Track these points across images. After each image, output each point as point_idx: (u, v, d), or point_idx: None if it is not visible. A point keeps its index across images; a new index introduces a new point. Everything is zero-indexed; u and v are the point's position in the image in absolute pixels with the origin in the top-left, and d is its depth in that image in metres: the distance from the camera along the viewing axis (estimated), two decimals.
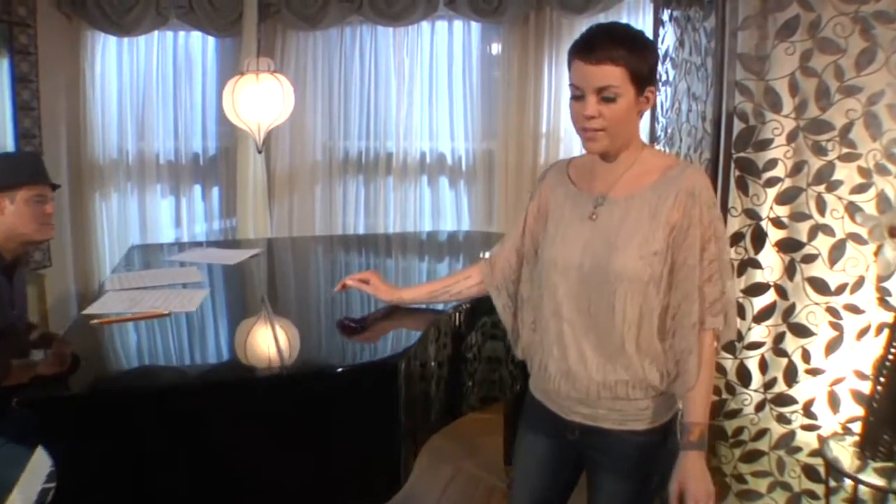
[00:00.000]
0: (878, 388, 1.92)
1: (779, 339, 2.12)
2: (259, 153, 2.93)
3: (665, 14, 2.64)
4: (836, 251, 2.00)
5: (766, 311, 2.10)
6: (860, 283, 2.00)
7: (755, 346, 2.14)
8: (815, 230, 2.03)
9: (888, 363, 1.85)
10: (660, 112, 2.71)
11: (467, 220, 3.54)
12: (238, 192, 3.49)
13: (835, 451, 1.93)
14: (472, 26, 3.46)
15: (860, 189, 1.97)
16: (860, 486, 1.86)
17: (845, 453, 1.93)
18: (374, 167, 3.59)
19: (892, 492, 1.86)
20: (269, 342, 1.69)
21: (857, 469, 1.85)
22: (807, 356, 2.11)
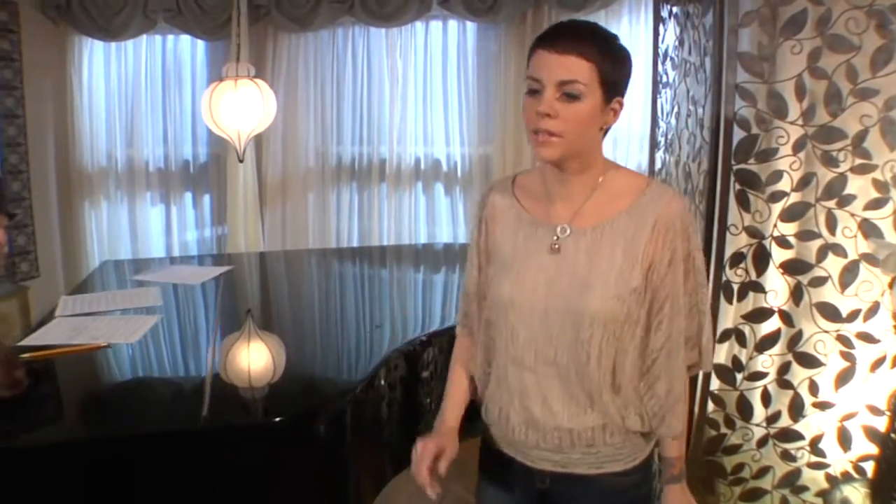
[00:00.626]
0: (894, 426, 1.70)
1: (784, 369, 1.92)
2: (240, 162, 2.79)
3: (665, 10, 2.41)
4: (847, 274, 1.79)
5: (770, 339, 1.90)
6: (874, 309, 1.78)
7: (757, 376, 1.93)
8: (824, 250, 1.81)
9: None
10: (660, 116, 2.49)
11: (463, 229, 3.36)
12: (228, 199, 3.37)
13: (845, 491, 1.72)
14: (468, 26, 3.28)
15: (875, 204, 1.76)
16: None
17: (857, 495, 1.72)
18: (368, 174, 3.43)
19: None
20: (204, 387, 1.50)
21: None
22: (814, 388, 1.91)
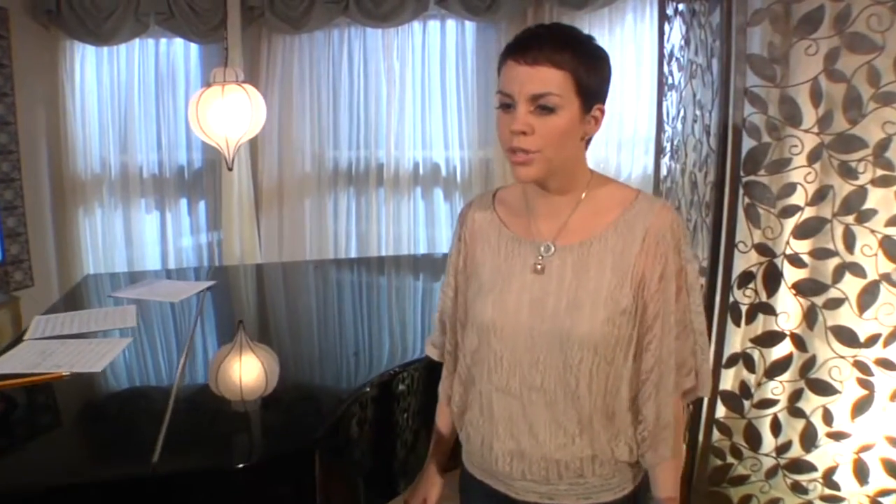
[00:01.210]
0: None
1: (795, 396, 1.76)
2: (229, 170, 2.65)
3: (671, 8, 2.23)
4: (866, 295, 1.62)
5: (781, 365, 1.74)
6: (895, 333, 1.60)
7: (767, 403, 1.78)
8: (841, 270, 1.64)
9: None
10: (666, 120, 2.32)
11: None
12: (223, 206, 3.24)
13: None
14: (466, 25, 3.12)
15: None
16: None
17: None
18: (365, 179, 3.29)
19: None
20: (161, 426, 1.33)
21: None
22: (828, 417, 1.74)
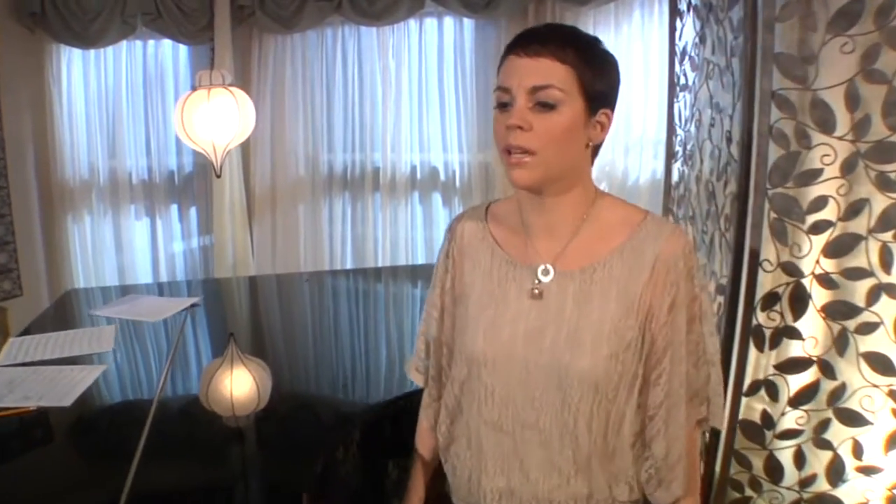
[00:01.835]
0: None
1: (821, 427, 1.58)
2: (217, 177, 2.48)
3: (683, 2, 2.03)
4: None
5: (806, 393, 1.56)
6: None
7: (790, 434, 1.60)
8: (876, 291, 1.45)
9: None
10: (678, 122, 2.12)
11: None
12: (214, 212, 3.08)
13: None
14: (465, 23, 2.94)
15: None
16: None
17: None
18: (361, 183, 3.12)
19: None
20: (128, 473, 1.17)
21: None
22: (859, 450, 1.56)
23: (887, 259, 1.43)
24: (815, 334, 1.52)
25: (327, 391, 1.63)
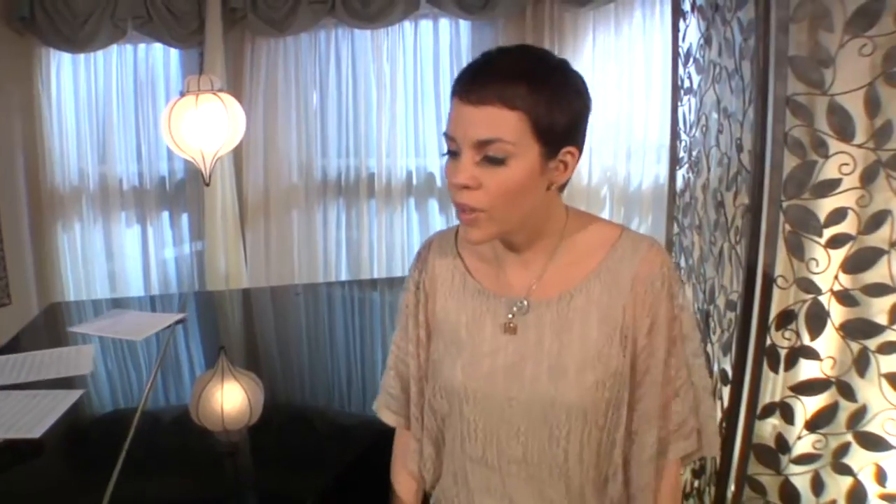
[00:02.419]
0: None
1: (841, 451, 1.49)
2: (206, 186, 2.38)
3: (687, 3, 1.92)
4: None
5: (824, 416, 1.47)
6: None
7: (807, 459, 1.50)
8: None
9: None
10: (682, 127, 2.01)
11: None
12: (206, 219, 2.96)
13: None
14: (461, 25, 2.82)
15: None
16: None
17: None
18: (356, 189, 3.01)
19: None
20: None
21: None
22: (882, 476, 1.47)
23: None
24: (833, 354, 1.42)
25: (323, 404, 1.56)
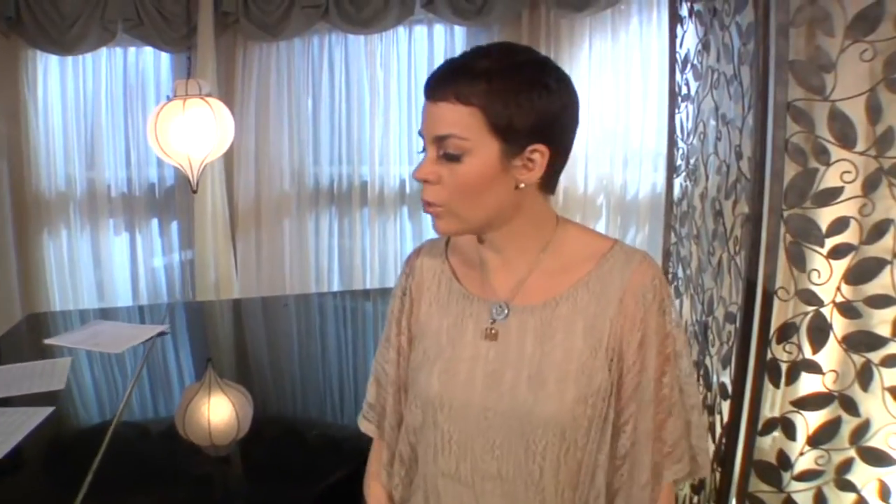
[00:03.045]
0: None
1: (843, 467, 1.44)
2: (193, 193, 2.34)
3: (684, 8, 1.90)
4: None
5: (827, 431, 1.43)
6: None
7: (809, 475, 1.47)
8: None
9: None
10: (679, 135, 1.99)
11: None
12: (196, 227, 2.93)
13: None
14: (456, 30, 2.81)
15: None
16: None
17: None
18: (348, 197, 2.98)
19: None
20: None
21: None
22: (885, 492, 1.44)
23: None
24: (835, 368, 1.39)
25: (315, 416, 1.54)
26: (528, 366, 0.83)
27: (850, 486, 1.43)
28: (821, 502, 1.45)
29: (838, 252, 1.32)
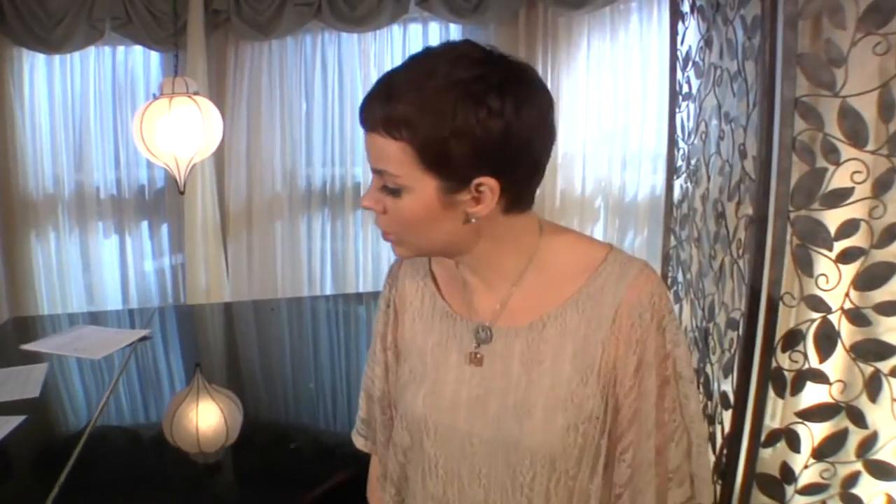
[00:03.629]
0: None
1: (849, 481, 1.39)
2: (181, 194, 2.27)
3: (686, 4, 1.84)
4: None
5: (832, 443, 1.38)
6: None
7: (814, 489, 1.42)
8: None
9: None
10: (680, 135, 1.93)
11: None
12: (186, 229, 2.86)
13: None
14: (451, 29, 2.76)
15: None
16: None
17: None
18: (341, 199, 2.92)
19: None
20: None
21: None
22: None
23: None
24: (842, 377, 1.33)
25: (308, 422, 1.50)
26: (513, 393, 0.78)
27: (856, 501, 1.38)
28: None
29: (847, 256, 1.25)
